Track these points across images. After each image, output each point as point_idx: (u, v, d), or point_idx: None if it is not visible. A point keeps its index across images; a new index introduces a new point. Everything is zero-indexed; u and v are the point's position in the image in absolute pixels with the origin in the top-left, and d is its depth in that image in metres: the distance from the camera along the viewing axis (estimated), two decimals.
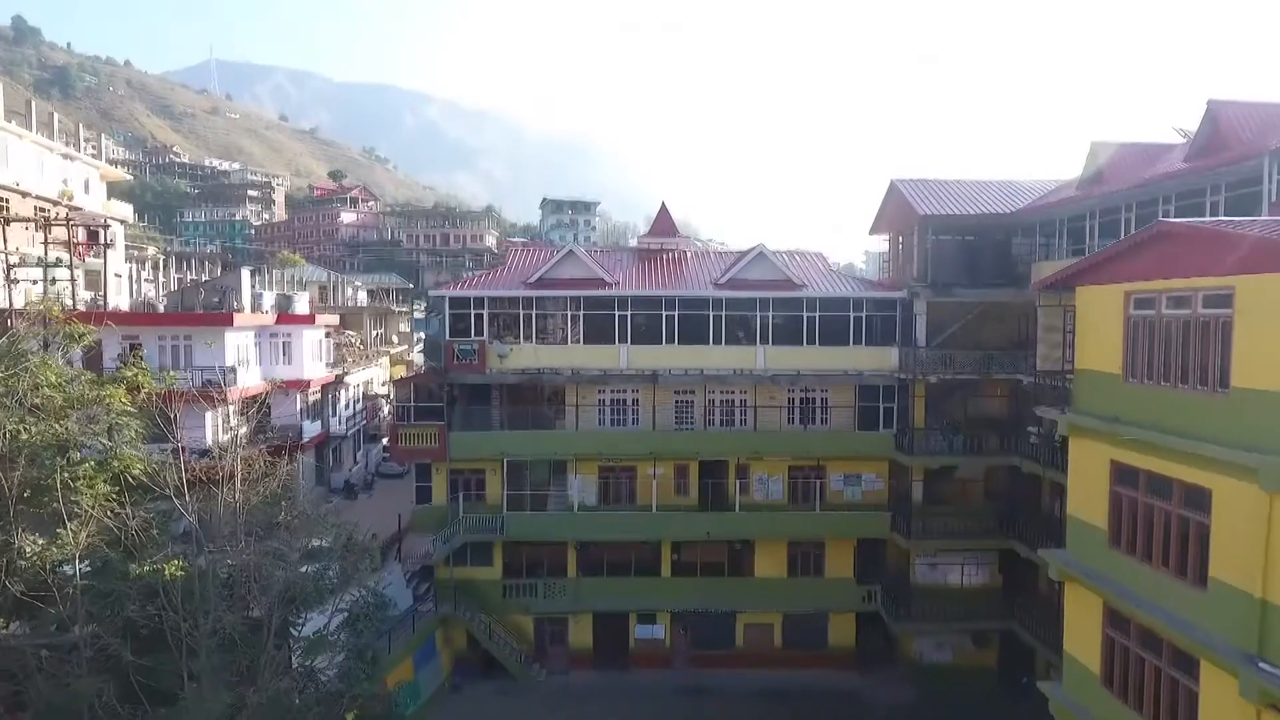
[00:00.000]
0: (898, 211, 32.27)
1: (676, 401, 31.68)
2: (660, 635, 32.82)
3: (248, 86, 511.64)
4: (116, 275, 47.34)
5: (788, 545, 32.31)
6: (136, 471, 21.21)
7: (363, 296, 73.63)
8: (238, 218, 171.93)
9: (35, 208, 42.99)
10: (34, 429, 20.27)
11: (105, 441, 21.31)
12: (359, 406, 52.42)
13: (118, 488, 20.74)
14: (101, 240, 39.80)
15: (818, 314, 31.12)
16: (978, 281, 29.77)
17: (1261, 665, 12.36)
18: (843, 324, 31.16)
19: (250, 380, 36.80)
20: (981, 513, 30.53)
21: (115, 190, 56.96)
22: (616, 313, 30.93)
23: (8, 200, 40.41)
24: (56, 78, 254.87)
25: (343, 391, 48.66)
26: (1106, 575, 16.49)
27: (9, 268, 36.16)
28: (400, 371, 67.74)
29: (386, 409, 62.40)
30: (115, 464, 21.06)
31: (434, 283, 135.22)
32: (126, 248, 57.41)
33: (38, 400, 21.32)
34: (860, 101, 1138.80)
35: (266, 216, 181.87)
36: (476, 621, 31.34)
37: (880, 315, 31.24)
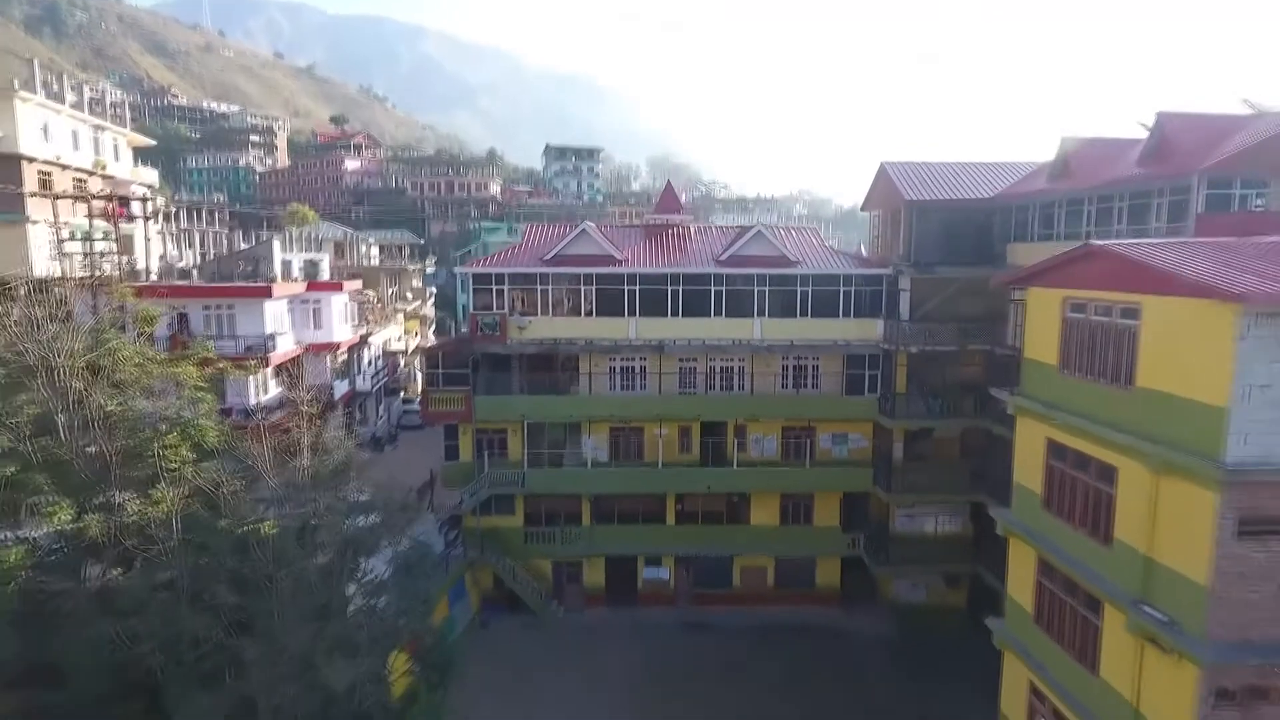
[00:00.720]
0: (886, 192, 34.74)
1: (680, 368, 34.72)
2: (665, 577, 36.65)
3: (240, 20, 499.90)
4: (147, 239, 49.95)
5: (780, 497, 35.83)
6: (211, 438, 24.58)
7: (375, 252, 75.96)
8: (240, 164, 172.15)
9: (73, 179, 45.36)
10: (120, 403, 23.53)
11: (186, 414, 24.53)
12: (380, 364, 55.55)
13: (196, 454, 24.11)
14: (142, 212, 42.03)
15: (810, 289, 33.91)
16: (958, 260, 32.48)
17: (1144, 608, 15.72)
18: (833, 298, 33.98)
19: (286, 345, 39.84)
20: (956, 469, 33.83)
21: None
22: (626, 288, 33.75)
23: (50, 174, 42.72)
24: (47, 15, 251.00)
25: (365, 350, 51.70)
26: (1040, 532, 19.80)
27: (59, 241, 38.98)
28: (415, 326, 70.75)
29: (403, 363, 65.69)
30: (194, 433, 24.37)
31: (440, 232, 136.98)
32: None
33: (123, 377, 24.59)
34: (860, 96, 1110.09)
35: (270, 162, 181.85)
36: (501, 565, 35.09)
37: (868, 290, 34.01)
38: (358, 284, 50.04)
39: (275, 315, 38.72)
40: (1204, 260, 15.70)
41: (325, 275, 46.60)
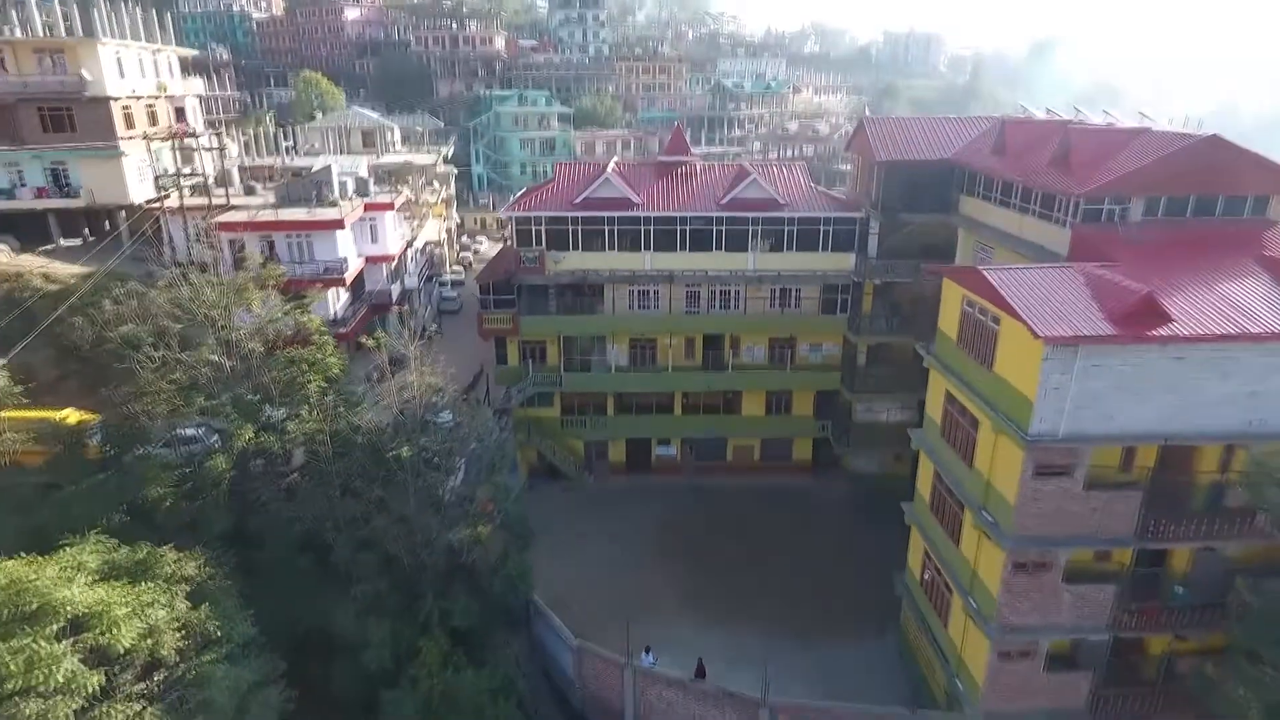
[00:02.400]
0: (863, 145, 40.78)
1: (687, 293, 42.29)
2: (673, 453, 46.26)
3: None
4: (207, 149, 55.61)
5: (765, 393, 44.68)
6: (335, 370, 33.04)
7: (398, 135, 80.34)
8: (235, 9, 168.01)
9: (145, 107, 50.78)
10: (269, 346, 31.86)
11: (317, 355, 32.76)
12: (422, 259, 62.72)
13: (326, 381, 32.62)
14: (216, 145, 47.62)
15: (795, 228, 40.83)
16: (918, 208, 39.21)
17: (983, 511, 24.71)
18: (814, 236, 40.95)
19: (355, 264, 47.19)
20: (907, 373, 42.10)
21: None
22: (642, 228, 40.71)
23: (130, 107, 48.17)
24: None
25: (410, 250, 58.74)
26: (937, 453, 28.59)
27: (156, 178, 45.49)
28: (440, 210, 76.94)
29: (438, 251, 72.72)
30: (324, 368, 32.74)
31: (449, 93, 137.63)
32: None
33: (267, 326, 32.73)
34: None
35: (265, 4, 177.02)
36: (544, 445, 44.56)
37: (843, 229, 40.88)
38: (402, 195, 56.15)
39: (345, 240, 45.73)
40: (1043, 293, 23.20)
41: (373, 190, 52.61)
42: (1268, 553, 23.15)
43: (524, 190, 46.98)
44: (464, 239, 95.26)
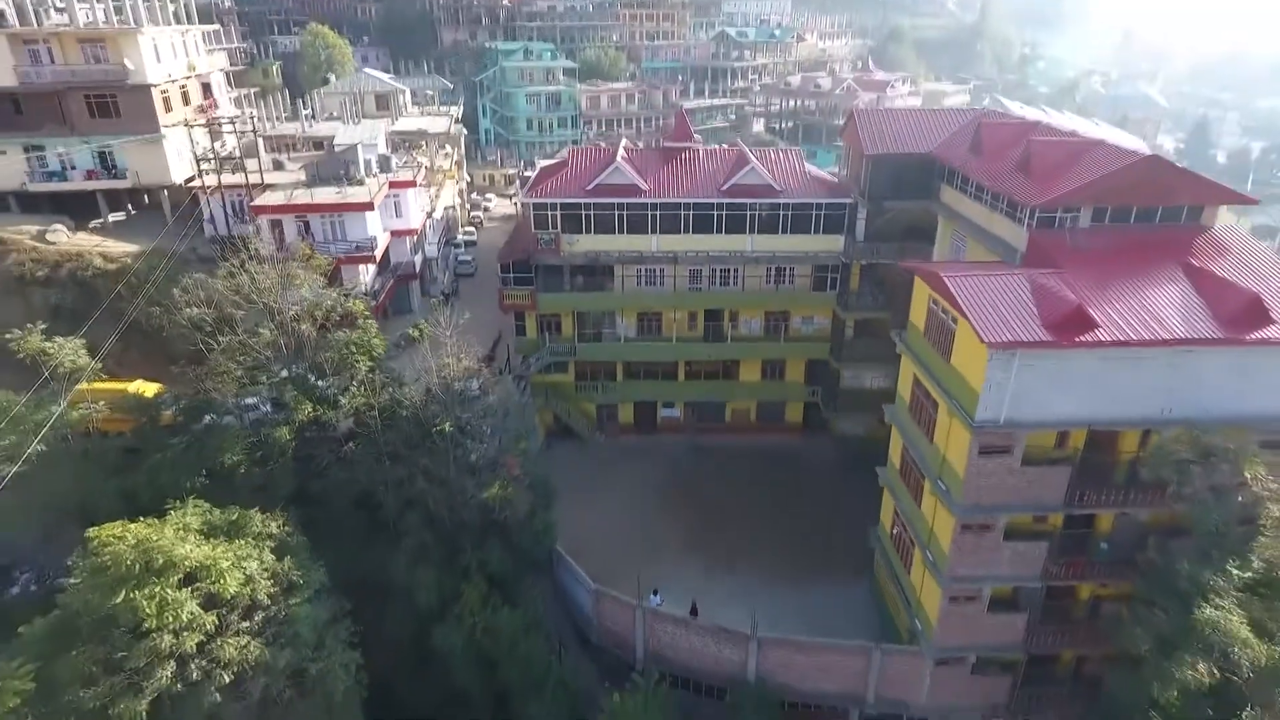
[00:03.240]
0: (853, 135, 44.04)
1: (690, 271, 46.13)
2: (677, 414, 50.85)
3: None
4: (234, 131, 58.55)
5: (761, 362, 49.01)
6: (379, 351, 37.32)
7: (408, 98, 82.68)
8: None
9: (180, 88, 53.74)
10: (323, 331, 36.06)
11: (363, 335, 36.95)
12: (440, 226, 66.18)
13: (372, 361, 36.93)
14: (242, 124, 50.74)
15: (790, 213, 44.42)
16: (903, 195, 42.73)
17: (939, 481, 29.28)
18: (807, 219, 44.56)
19: (382, 240, 50.91)
20: (890, 345, 45.78)
21: None
22: (649, 213, 44.34)
23: (167, 91, 51.15)
24: None
25: (429, 220, 62.21)
26: (905, 428, 33.04)
27: (198, 160, 48.91)
28: (453, 174, 79.86)
29: (453, 214, 75.95)
30: (369, 349, 36.98)
31: (453, 41, 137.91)
32: None
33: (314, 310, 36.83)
34: None
35: None
36: (559, 407, 49.10)
37: (833, 214, 44.45)
38: (421, 170, 59.32)
39: (373, 219, 49.36)
40: (993, 300, 27.19)
41: (395, 165, 55.77)
42: (1172, 519, 27.70)
43: (539, 171, 50.24)
44: (474, 196, 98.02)
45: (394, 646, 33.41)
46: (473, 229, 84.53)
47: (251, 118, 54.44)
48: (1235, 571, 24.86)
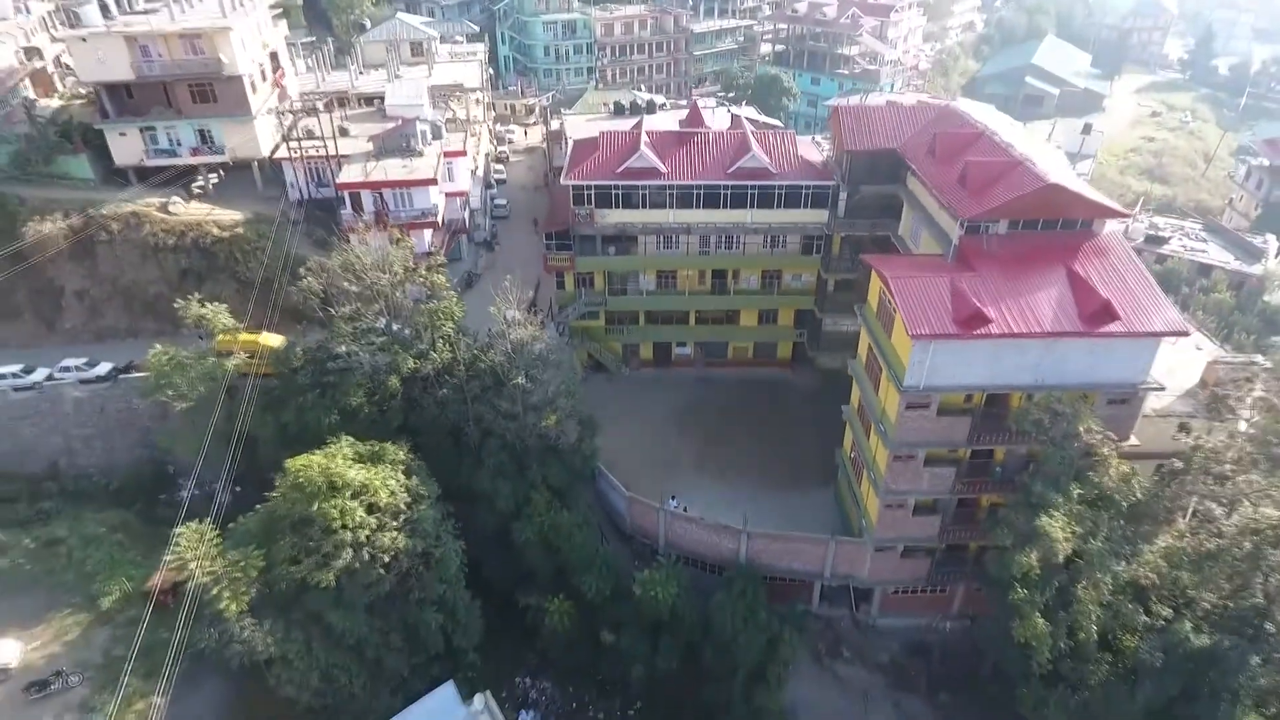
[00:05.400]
0: (837, 128, 52.85)
1: (700, 238, 55.91)
2: (688, 352, 61.85)
3: None
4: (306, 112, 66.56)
5: (758, 311, 59.51)
6: (458, 316, 47.91)
7: (438, 44, 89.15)
8: None
9: (260, 69, 61.86)
10: (416, 300, 46.56)
11: (447, 305, 47.40)
12: (480, 179, 75.03)
13: (454, 324, 47.56)
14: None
15: (783, 192, 53.77)
16: (876, 180, 52.02)
17: (879, 425, 40.63)
18: (797, 197, 53.93)
19: (441, 207, 60.39)
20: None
21: None
22: (667, 191, 53.74)
23: (253, 75, 59.37)
24: None
25: (473, 176, 71.07)
26: (860, 380, 44.11)
27: (286, 141, 57.96)
28: (486, 118, 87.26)
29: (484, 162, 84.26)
30: (449, 313, 47.53)
31: None
32: None
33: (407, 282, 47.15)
34: None
35: None
36: (592, 347, 60.07)
37: (819, 193, 53.75)
38: (462, 139, 67.72)
39: (435, 190, 58.70)
40: (920, 298, 37.44)
41: (445, 134, 64.23)
42: (1042, 453, 38.88)
43: (574, 148, 58.82)
44: (497, 128, 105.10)
45: (482, 537, 45.64)
46: (501, 167, 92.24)
47: (317, 104, 62.41)
48: (1078, 491, 36.43)
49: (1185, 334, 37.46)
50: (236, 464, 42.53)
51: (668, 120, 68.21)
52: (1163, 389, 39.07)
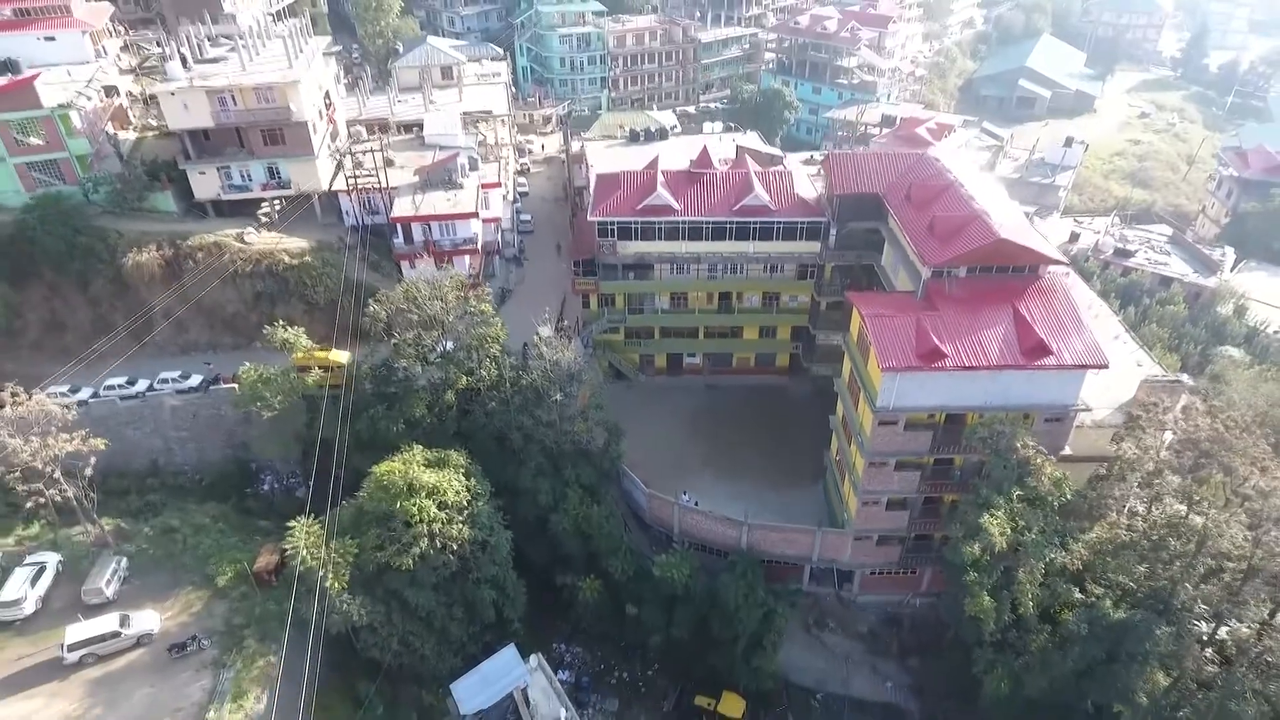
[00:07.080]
0: (828, 172, 60.69)
1: (708, 265, 64.00)
2: (698, 361, 70.26)
3: None
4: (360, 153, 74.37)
5: (759, 326, 67.74)
6: (503, 338, 56.24)
7: (465, 64, 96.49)
8: None
9: (319, 111, 69.69)
10: (465, 327, 54.88)
11: (494, 332, 55.61)
12: (511, 202, 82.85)
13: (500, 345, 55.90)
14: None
15: (781, 225, 61.72)
16: (862, 218, 59.95)
17: (858, 436, 49.09)
18: (793, 231, 61.91)
19: (479, 232, 68.37)
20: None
21: None
22: (680, 226, 61.75)
23: (315, 121, 67.19)
24: None
25: (505, 201, 78.87)
26: (844, 397, 52.53)
27: (346, 177, 65.93)
28: (511, 136, 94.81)
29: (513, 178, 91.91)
30: (495, 336, 55.80)
31: None
32: None
33: (462, 310, 55.40)
34: None
35: None
36: (612, 357, 68.43)
37: (812, 227, 61.68)
38: (501, 165, 75.54)
39: (475, 222, 66.67)
40: (891, 334, 45.58)
41: (481, 168, 72.02)
42: (989, 461, 47.05)
43: (599, 181, 66.24)
44: (517, 138, 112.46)
45: (524, 526, 54.16)
46: (524, 179, 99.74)
47: (370, 143, 70.25)
48: (1018, 493, 44.84)
49: (1105, 366, 45.45)
50: (315, 464, 50.96)
51: (679, 149, 76.02)
52: (1090, 410, 47.41)
